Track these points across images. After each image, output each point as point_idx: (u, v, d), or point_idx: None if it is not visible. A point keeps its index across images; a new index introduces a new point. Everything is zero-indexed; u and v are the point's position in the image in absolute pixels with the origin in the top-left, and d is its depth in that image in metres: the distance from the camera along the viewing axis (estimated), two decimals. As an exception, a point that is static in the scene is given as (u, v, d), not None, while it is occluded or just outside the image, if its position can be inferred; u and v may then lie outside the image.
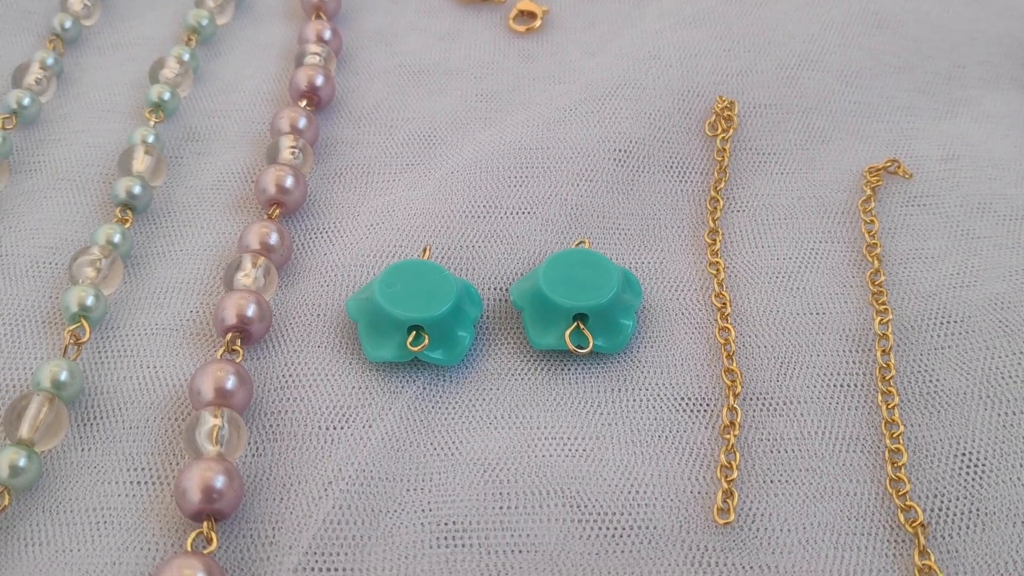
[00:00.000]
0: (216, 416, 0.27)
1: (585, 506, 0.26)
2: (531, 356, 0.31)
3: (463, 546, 0.26)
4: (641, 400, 0.29)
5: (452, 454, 0.28)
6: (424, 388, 0.30)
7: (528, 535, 0.26)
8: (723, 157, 0.36)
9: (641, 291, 0.32)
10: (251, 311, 0.30)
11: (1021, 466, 0.27)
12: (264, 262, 0.31)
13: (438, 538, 0.26)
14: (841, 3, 0.41)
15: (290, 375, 0.30)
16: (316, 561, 0.26)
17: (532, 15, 0.42)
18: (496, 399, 0.29)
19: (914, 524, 0.26)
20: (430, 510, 0.27)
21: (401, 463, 0.28)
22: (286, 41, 0.42)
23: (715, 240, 0.33)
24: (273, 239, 0.32)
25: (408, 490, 0.27)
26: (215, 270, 0.33)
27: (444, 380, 0.30)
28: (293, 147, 0.35)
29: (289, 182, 0.34)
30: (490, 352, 0.31)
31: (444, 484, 0.27)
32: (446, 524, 0.26)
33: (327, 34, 0.40)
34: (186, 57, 0.39)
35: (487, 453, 0.28)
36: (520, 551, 0.26)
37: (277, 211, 0.34)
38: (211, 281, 0.32)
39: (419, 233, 0.33)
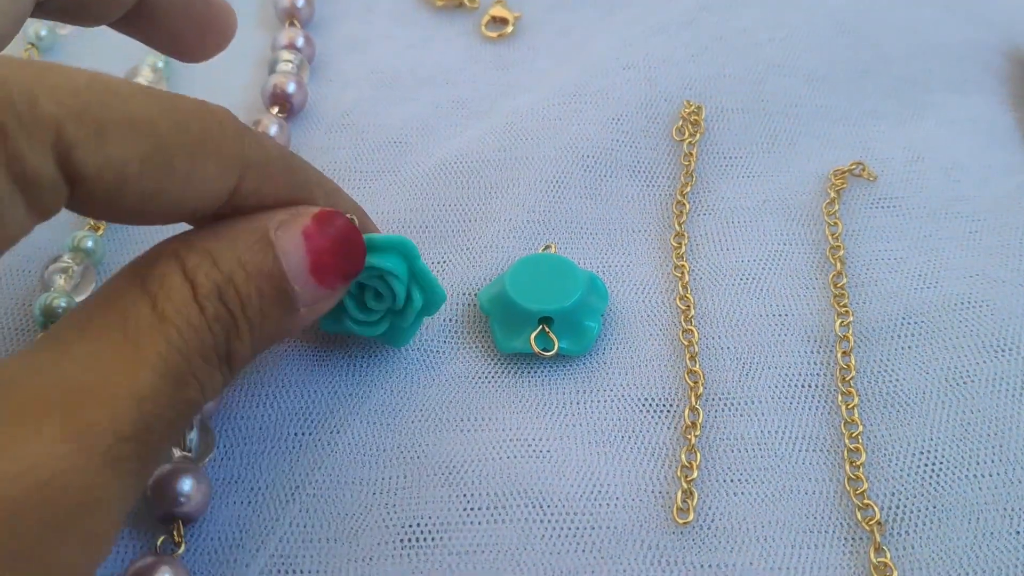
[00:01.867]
0: (184, 421, 0.28)
1: (547, 506, 0.27)
2: (498, 360, 0.31)
3: (426, 547, 0.26)
4: (605, 401, 0.30)
5: (418, 457, 0.28)
6: (392, 393, 0.30)
7: (490, 535, 0.26)
8: (690, 161, 0.36)
9: (607, 294, 0.32)
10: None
11: (978, 464, 0.28)
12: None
13: (402, 540, 0.26)
14: (808, 9, 0.41)
15: (259, 381, 0.30)
16: (282, 563, 0.26)
17: (504, 21, 0.43)
18: (463, 403, 0.30)
19: (871, 522, 0.27)
20: (395, 512, 0.27)
21: (368, 467, 0.28)
22: (259, 49, 0.42)
23: (680, 243, 0.34)
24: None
25: (374, 493, 0.27)
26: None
27: (412, 384, 0.30)
28: (264, 154, 0.35)
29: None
30: (458, 356, 0.31)
31: (410, 487, 0.28)
32: (410, 526, 0.27)
33: (300, 42, 0.41)
34: (160, 65, 0.40)
35: (453, 456, 0.28)
36: (482, 551, 0.26)
37: (248, 218, 0.34)
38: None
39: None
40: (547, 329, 0.30)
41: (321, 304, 0.26)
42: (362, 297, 0.29)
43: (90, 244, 0.33)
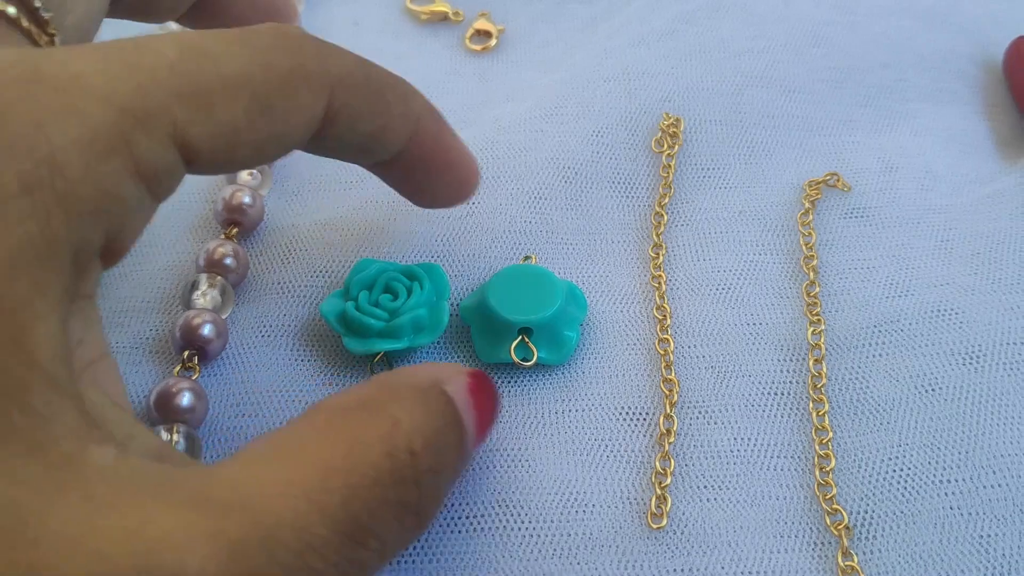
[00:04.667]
0: (172, 432, 0.28)
1: (525, 515, 0.28)
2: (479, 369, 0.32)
3: (407, 555, 0.27)
4: (583, 411, 0.30)
5: (400, 466, 0.29)
6: (376, 401, 0.31)
7: (468, 544, 0.27)
8: (668, 173, 0.37)
9: (586, 304, 0.33)
10: (207, 330, 0.31)
11: (945, 470, 0.29)
12: (221, 281, 0.33)
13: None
14: (785, 20, 0.42)
15: (245, 391, 0.31)
16: (267, 571, 0.27)
17: (488, 35, 0.44)
18: (444, 411, 0.30)
19: (839, 527, 0.27)
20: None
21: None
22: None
23: (658, 254, 0.35)
24: (230, 259, 0.33)
25: (356, 501, 0.28)
26: (174, 289, 0.34)
27: (396, 393, 0.31)
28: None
29: (247, 201, 0.35)
30: (440, 366, 0.32)
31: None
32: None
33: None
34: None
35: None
36: (462, 558, 0.27)
37: (235, 230, 0.35)
38: (170, 300, 0.33)
39: (372, 250, 0.34)
40: (527, 340, 0.31)
41: (468, 464, 0.26)
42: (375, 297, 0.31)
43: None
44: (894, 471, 0.29)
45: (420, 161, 0.28)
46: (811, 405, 0.30)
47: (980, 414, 0.30)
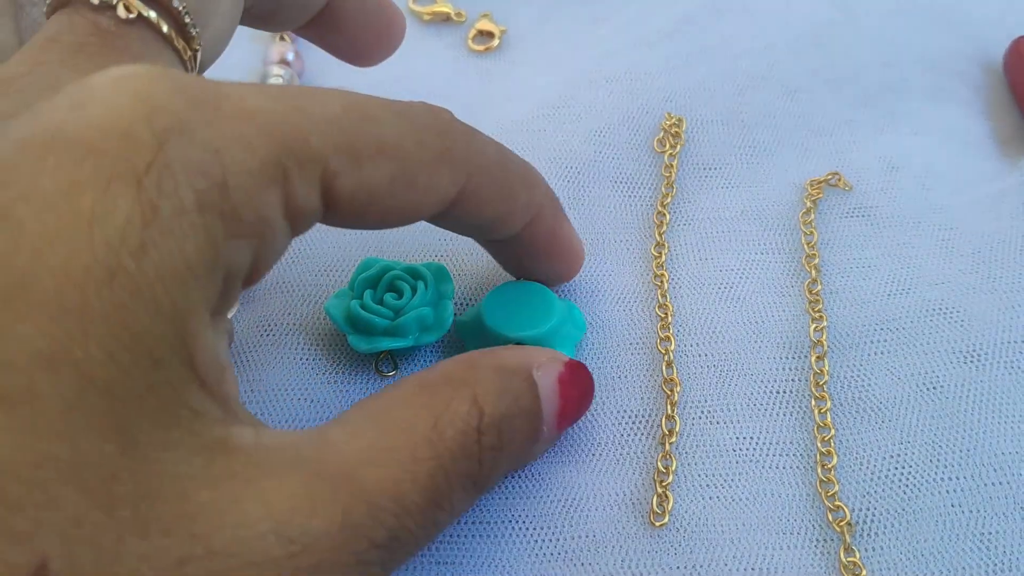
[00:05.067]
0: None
1: (526, 520, 0.28)
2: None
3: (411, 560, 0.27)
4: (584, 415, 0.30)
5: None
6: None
7: (471, 546, 0.27)
8: (670, 173, 0.37)
9: (584, 325, 0.32)
10: (212, 329, 0.31)
11: (947, 467, 0.29)
12: (226, 281, 0.33)
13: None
14: (786, 22, 0.42)
15: (251, 390, 0.31)
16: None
17: (490, 35, 0.44)
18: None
19: (841, 523, 0.28)
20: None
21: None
22: (251, 63, 0.43)
23: (660, 253, 0.35)
24: (234, 258, 0.33)
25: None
26: (179, 289, 0.34)
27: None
28: (255, 168, 0.36)
29: (251, 202, 0.35)
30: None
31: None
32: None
33: (290, 56, 0.42)
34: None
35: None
36: (462, 564, 0.27)
37: (239, 231, 0.35)
38: (175, 300, 0.34)
39: (377, 249, 0.35)
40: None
41: (544, 447, 0.27)
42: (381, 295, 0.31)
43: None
44: (895, 468, 0.29)
45: (531, 246, 0.30)
46: (813, 403, 0.31)
47: (981, 412, 0.30)
